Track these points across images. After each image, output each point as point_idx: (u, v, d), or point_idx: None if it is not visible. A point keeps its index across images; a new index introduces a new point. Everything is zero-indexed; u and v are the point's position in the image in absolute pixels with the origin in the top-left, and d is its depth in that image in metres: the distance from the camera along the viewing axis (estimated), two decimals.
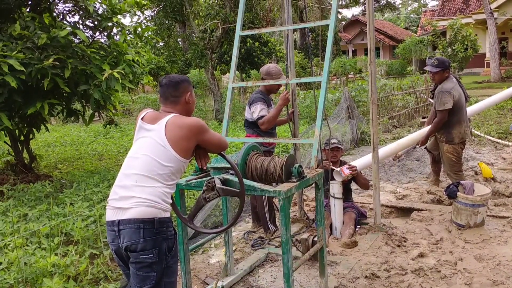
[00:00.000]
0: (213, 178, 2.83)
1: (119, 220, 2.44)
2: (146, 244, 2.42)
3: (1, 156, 7.78)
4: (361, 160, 5.30)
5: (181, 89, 2.72)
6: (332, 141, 4.92)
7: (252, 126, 4.93)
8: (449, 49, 23.11)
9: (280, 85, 5.26)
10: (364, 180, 5.12)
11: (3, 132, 6.40)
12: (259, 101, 4.85)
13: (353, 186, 5.42)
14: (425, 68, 5.97)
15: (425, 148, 6.33)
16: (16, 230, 4.58)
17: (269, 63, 5.15)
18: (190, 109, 2.78)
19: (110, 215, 2.49)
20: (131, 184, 2.47)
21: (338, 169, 4.74)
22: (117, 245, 2.49)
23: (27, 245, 4.25)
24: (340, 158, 5.14)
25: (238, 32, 4.09)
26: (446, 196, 5.25)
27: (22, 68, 5.68)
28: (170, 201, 2.58)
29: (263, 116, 4.78)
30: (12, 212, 5.15)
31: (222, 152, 2.85)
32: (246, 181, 2.94)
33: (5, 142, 6.89)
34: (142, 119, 2.67)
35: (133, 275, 2.50)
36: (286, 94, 4.72)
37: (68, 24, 7.16)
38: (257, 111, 4.80)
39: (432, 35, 25.86)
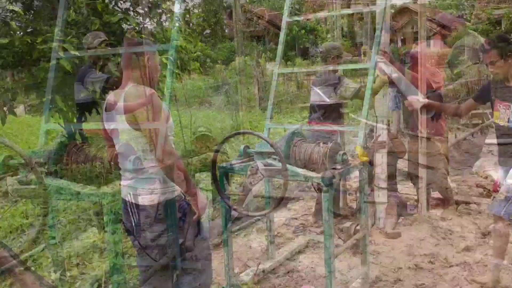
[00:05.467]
0: (256, 162, 2.88)
1: (130, 202, 2.65)
2: (156, 224, 2.61)
3: (55, 137, 8.13)
4: None
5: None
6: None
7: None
8: None
9: None
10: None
11: (57, 114, 6.68)
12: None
13: (398, 177, 5.32)
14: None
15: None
16: (69, 207, 4.81)
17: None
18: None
19: (124, 193, 2.70)
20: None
21: None
22: (130, 221, 2.69)
23: (79, 222, 4.46)
24: None
25: (286, 18, 4.09)
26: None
27: (76, 53, 5.88)
28: (171, 182, 2.60)
29: None
30: (65, 190, 5.39)
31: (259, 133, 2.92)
32: (290, 167, 2.95)
33: (59, 124, 7.19)
34: None
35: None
36: None
37: (120, 10, 7.34)
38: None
39: (486, 24, 24.73)
